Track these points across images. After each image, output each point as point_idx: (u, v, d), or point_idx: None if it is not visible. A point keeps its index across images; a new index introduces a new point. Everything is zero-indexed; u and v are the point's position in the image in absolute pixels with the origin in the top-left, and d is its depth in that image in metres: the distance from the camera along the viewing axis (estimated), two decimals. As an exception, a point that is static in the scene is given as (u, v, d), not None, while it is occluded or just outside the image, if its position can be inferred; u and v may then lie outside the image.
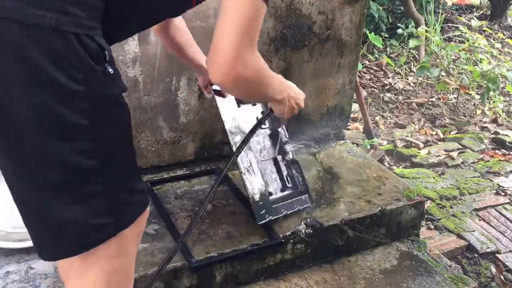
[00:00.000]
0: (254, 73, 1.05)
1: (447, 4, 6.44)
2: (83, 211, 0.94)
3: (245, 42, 0.99)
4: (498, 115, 3.97)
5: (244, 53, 0.99)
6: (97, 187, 0.95)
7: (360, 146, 3.09)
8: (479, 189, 2.83)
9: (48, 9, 0.84)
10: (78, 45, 0.86)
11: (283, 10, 2.17)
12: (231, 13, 0.97)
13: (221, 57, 0.98)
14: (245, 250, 1.75)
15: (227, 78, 1.00)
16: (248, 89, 1.10)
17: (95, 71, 0.89)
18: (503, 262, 2.26)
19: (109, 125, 0.95)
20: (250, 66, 1.02)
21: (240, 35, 0.98)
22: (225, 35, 0.98)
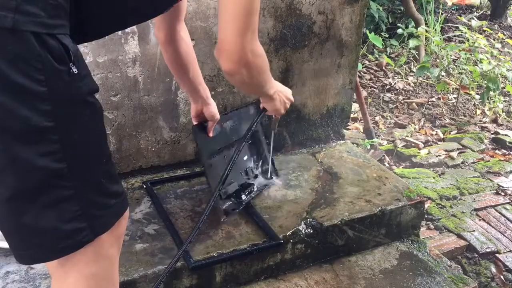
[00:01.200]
0: (260, 60, 1.13)
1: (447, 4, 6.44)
2: (54, 216, 0.91)
3: (250, 30, 1.05)
4: (498, 115, 3.97)
5: (250, 41, 1.06)
6: (67, 191, 0.91)
7: (360, 146, 3.09)
8: (479, 189, 2.83)
9: (3, 8, 0.80)
10: (38, 45, 0.83)
11: (283, 10, 2.17)
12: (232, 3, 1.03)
13: (229, 46, 1.05)
14: (245, 250, 1.75)
15: (238, 65, 1.08)
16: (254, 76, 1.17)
17: (58, 71, 0.86)
18: (503, 262, 2.26)
19: (76, 126, 0.91)
20: (257, 52, 1.10)
21: (244, 25, 1.04)
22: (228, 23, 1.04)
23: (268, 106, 1.49)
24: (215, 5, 2.00)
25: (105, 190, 1.00)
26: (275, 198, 2.06)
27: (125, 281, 1.57)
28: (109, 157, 1.03)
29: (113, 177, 1.04)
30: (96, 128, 0.99)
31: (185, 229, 1.83)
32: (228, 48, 1.06)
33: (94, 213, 0.97)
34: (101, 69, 1.88)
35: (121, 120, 2.01)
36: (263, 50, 1.16)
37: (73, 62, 0.89)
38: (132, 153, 2.10)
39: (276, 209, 1.99)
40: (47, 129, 0.86)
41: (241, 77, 1.13)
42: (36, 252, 0.95)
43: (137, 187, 2.07)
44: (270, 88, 1.38)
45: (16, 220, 0.91)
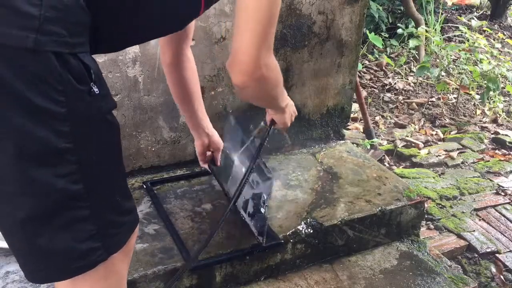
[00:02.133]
0: (274, 74, 1.08)
1: (447, 4, 6.44)
2: (69, 237, 0.89)
3: (266, 44, 1.01)
4: (498, 115, 3.97)
5: (265, 54, 1.01)
6: (83, 212, 0.89)
7: (360, 146, 3.09)
8: (479, 189, 2.83)
9: (26, 28, 0.78)
10: (59, 64, 0.81)
11: (283, 10, 2.17)
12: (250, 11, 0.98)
13: (246, 58, 1.00)
14: (245, 250, 1.75)
15: (251, 79, 1.02)
16: (266, 90, 1.12)
17: (78, 92, 0.84)
18: (503, 262, 2.26)
19: (94, 146, 0.90)
20: (271, 66, 1.05)
21: (262, 37, 0.99)
22: (246, 35, 0.99)
23: (277, 118, 1.44)
24: (215, 5, 1.99)
25: (119, 209, 0.99)
26: (275, 198, 2.06)
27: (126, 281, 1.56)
28: (124, 175, 1.02)
29: (127, 195, 1.03)
30: (114, 146, 0.97)
31: (185, 229, 1.83)
32: (242, 60, 1.00)
33: (109, 232, 0.96)
34: (101, 69, 1.88)
35: (121, 120, 2.01)
36: (277, 64, 1.11)
37: (94, 81, 0.87)
38: (132, 153, 2.10)
39: (276, 209, 1.99)
40: (65, 150, 0.84)
41: (253, 90, 1.08)
42: (49, 272, 0.93)
43: (137, 187, 2.07)
44: (282, 101, 1.33)
45: (30, 242, 0.89)
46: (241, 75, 1.02)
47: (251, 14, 0.98)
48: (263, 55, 1.01)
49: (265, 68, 1.02)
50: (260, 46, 0.99)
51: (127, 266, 1.11)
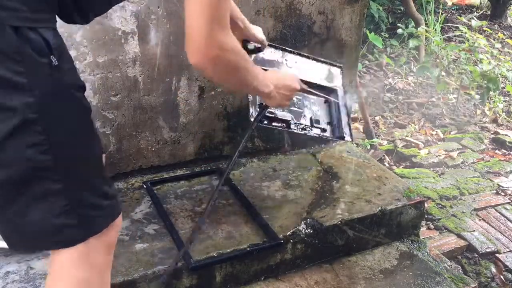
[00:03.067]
0: (230, 54, 1.06)
1: (447, 4, 6.44)
2: (43, 209, 0.93)
3: (215, 22, 1.00)
4: (498, 115, 3.97)
5: (218, 33, 1.00)
6: (55, 185, 0.93)
7: (360, 146, 3.09)
8: (479, 189, 2.83)
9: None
10: (17, 38, 0.85)
11: (283, 10, 2.17)
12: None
13: (197, 39, 1.00)
14: (245, 250, 1.75)
15: (205, 60, 1.02)
16: (227, 72, 1.11)
17: (38, 64, 0.88)
18: (503, 262, 2.26)
19: (60, 119, 0.93)
20: (226, 46, 1.03)
21: (210, 16, 0.98)
22: (195, 18, 0.99)
23: (268, 102, 1.43)
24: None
25: (96, 190, 1.01)
26: (275, 198, 2.06)
27: (125, 281, 1.57)
28: (99, 158, 1.04)
29: (104, 179, 1.04)
30: (84, 126, 1.00)
31: (185, 229, 1.83)
32: (195, 38, 1.00)
33: (85, 212, 0.98)
34: (101, 69, 1.88)
35: (121, 120, 2.01)
36: (238, 45, 1.09)
37: (54, 54, 0.90)
38: (132, 153, 2.10)
39: (276, 209, 1.99)
40: (32, 120, 0.87)
41: (212, 72, 1.07)
42: (27, 241, 0.97)
43: (137, 187, 2.07)
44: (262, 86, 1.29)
45: (6, 209, 0.93)
46: (195, 54, 1.02)
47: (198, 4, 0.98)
48: (215, 33, 1.00)
49: (220, 49, 1.02)
50: (211, 23, 0.99)
51: (106, 262, 1.10)
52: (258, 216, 1.90)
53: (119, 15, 1.83)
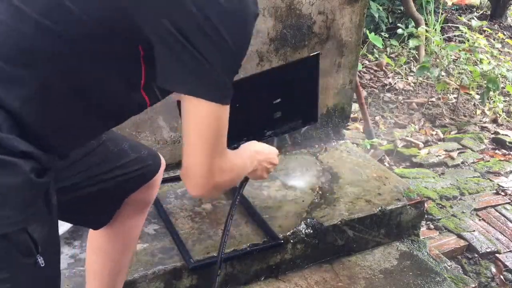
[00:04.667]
0: (229, 174, 1.03)
1: (447, 4, 6.44)
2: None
3: (216, 153, 0.96)
4: (498, 115, 3.97)
5: (217, 163, 0.96)
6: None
7: (360, 146, 3.09)
8: (479, 189, 2.83)
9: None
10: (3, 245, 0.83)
11: (283, 10, 2.17)
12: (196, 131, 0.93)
13: (198, 173, 0.95)
14: (245, 250, 1.75)
15: (206, 190, 0.98)
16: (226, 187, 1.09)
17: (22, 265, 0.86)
18: (503, 262, 2.26)
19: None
20: (225, 171, 1.00)
21: (210, 149, 0.94)
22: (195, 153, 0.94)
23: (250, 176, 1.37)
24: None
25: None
26: (275, 198, 2.06)
27: (125, 281, 1.56)
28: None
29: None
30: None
31: (185, 229, 1.83)
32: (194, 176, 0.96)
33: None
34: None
35: (121, 120, 2.01)
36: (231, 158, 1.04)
37: (40, 253, 0.88)
38: (132, 153, 2.09)
39: (276, 209, 1.99)
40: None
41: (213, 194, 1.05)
42: None
43: (137, 187, 2.07)
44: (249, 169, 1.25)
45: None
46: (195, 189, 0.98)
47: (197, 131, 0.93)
48: (215, 166, 0.96)
49: (219, 177, 0.98)
50: (211, 158, 0.95)
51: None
52: (258, 216, 1.90)
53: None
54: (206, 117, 0.91)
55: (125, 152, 1.25)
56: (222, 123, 0.94)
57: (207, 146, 0.94)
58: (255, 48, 2.17)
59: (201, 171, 0.95)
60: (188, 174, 0.97)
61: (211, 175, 0.96)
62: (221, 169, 0.98)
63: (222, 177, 0.99)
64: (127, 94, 0.98)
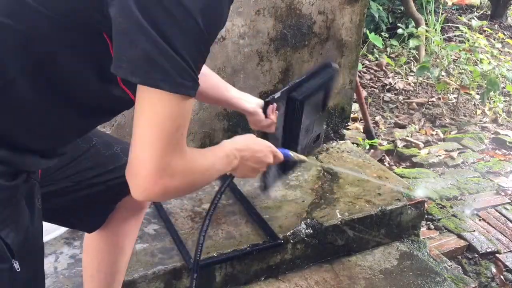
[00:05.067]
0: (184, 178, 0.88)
1: (447, 4, 6.43)
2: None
3: (170, 151, 0.81)
4: (498, 115, 3.97)
5: (169, 161, 0.82)
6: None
7: (360, 146, 3.09)
8: (479, 189, 2.83)
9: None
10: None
11: (283, 10, 2.16)
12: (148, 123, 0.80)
13: (142, 170, 0.81)
14: (245, 251, 1.75)
15: (151, 193, 0.84)
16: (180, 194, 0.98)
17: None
18: (503, 262, 2.25)
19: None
20: (179, 174, 0.85)
21: (163, 146, 0.80)
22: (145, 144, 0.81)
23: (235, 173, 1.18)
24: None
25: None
26: (275, 198, 2.06)
27: (125, 281, 1.56)
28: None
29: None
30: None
31: (185, 229, 1.83)
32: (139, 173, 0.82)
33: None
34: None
35: (121, 120, 2.01)
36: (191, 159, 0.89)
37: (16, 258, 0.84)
38: (132, 153, 2.09)
39: (276, 209, 1.99)
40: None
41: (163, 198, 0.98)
42: None
43: (137, 187, 2.07)
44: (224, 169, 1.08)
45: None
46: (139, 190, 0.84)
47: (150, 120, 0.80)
48: (167, 165, 0.82)
49: (169, 179, 0.83)
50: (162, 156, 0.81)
51: None
52: (258, 216, 1.90)
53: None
54: (162, 109, 0.78)
55: (117, 155, 1.20)
56: (183, 117, 0.82)
57: (159, 142, 0.80)
58: (255, 48, 2.17)
59: (147, 170, 0.81)
60: (132, 171, 0.83)
61: (159, 177, 0.81)
62: (174, 171, 0.83)
63: (173, 180, 0.84)
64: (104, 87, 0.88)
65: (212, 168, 1.01)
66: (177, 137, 0.82)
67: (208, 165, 0.98)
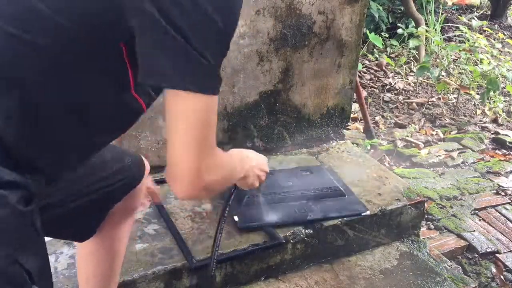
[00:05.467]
0: (220, 173, 0.96)
1: (447, 4, 6.43)
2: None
3: (206, 151, 0.88)
4: (498, 115, 3.97)
5: (206, 160, 0.88)
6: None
7: (360, 146, 3.09)
8: (479, 189, 2.83)
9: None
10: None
11: (283, 10, 2.16)
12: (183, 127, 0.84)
13: (186, 174, 0.88)
14: (245, 250, 1.75)
15: (196, 192, 0.91)
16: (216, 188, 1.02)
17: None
18: (503, 262, 2.25)
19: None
20: (214, 169, 0.92)
21: (200, 147, 0.86)
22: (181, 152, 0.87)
23: (240, 183, 1.31)
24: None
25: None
26: (275, 198, 2.06)
27: (125, 281, 1.57)
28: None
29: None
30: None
31: (185, 229, 1.83)
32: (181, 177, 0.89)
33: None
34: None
35: (121, 120, 2.01)
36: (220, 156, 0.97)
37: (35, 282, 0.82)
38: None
39: (276, 209, 1.98)
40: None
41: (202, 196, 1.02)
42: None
43: (137, 187, 2.07)
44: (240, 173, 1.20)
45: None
46: (183, 192, 0.91)
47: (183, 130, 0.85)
48: (203, 166, 0.88)
49: (208, 176, 0.90)
50: (199, 157, 0.87)
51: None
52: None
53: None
54: (194, 111, 0.83)
55: (108, 163, 1.20)
56: (212, 116, 0.87)
57: (195, 144, 0.85)
58: (255, 48, 2.17)
59: (190, 172, 0.87)
60: (175, 176, 0.89)
61: (201, 175, 0.88)
62: (210, 168, 0.90)
63: (211, 176, 0.91)
64: (119, 99, 0.91)
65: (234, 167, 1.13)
66: (209, 136, 0.88)
67: (231, 163, 1.10)
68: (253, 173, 1.27)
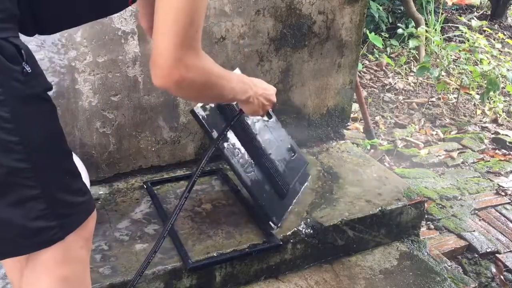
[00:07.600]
0: (198, 75, 1.00)
1: (447, 4, 6.43)
2: (20, 214, 0.90)
3: (186, 44, 0.94)
4: (498, 115, 3.97)
5: (185, 54, 0.94)
6: (33, 191, 0.91)
7: (360, 146, 3.09)
8: (479, 189, 2.83)
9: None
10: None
11: (283, 10, 2.16)
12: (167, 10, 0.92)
13: (161, 60, 0.94)
14: (244, 251, 1.75)
15: (168, 81, 0.96)
16: (195, 91, 1.06)
17: (11, 71, 0.86)
18: (503, 262, 2.25)
19: (34, 124, 0.91)
20: (193, 67, 0.98)
21: (180, 37, 0.92)
22: (163, 36, 0.93)
23: (245, 108, 1.37)
24: (215, 5, 2.00)
25: (70, 188, 1.00)
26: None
27: (125, 281, 1.57)
28: (69, 154, 1.02)
29: (76, 175, 1.03)
30: (54, 125, 0.98)
31: (185, 229, 1.83)
32: (158, 62, 0.95)
33: (63, 212, 0.97)
34: (101, 69, 1.88)
35: (121, 120, 2.01)
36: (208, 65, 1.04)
37: (26, 61, 0.89)
38: (132, 153, 2.10)
39: (276, 209, 1.98)
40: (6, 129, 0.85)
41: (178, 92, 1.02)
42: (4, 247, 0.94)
43: (137, 187, 2.07)
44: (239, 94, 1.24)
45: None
46: (158, 77, 0.97)
47: (167, 14, 0.92)
48: (182, 57, 0.94)
49: (185, 70, 0.96)
50: (177, 48, 0.93)
51: (87, 254, 1.11)
52: (259, 216, 1.90)
53: (119, 15, 1.83)
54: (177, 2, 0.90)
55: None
56: (197, 13, 0.93)
57: (176, 33, 0.92)
58: (255, 48, 2.17)
59: (163, 59, 0.93)
60: (154, 60, 0.95)
61: (175, 67, 0.94)
62: (188, 65, 0.96)
63: (188, 73, 0.96)
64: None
65: (229, 81, 1.15)
66: (192, 33, 0.93)
67: (224, 75, 1.12)
68: (258, 100, 1.31)
